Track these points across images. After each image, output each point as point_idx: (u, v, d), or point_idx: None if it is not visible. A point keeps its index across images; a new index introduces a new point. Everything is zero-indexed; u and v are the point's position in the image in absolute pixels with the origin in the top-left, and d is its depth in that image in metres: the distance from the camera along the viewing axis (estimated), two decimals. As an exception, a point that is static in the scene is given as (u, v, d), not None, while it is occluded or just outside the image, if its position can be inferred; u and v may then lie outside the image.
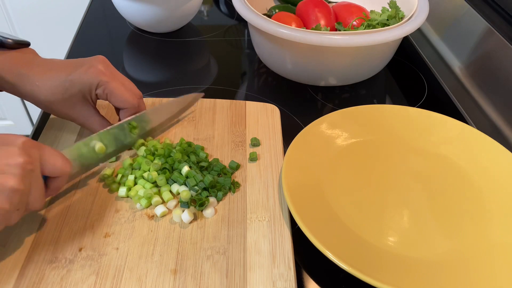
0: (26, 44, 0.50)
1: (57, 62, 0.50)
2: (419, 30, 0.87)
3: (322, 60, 0.65)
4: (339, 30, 0.71)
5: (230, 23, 0.92)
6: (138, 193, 0.48)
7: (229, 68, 0.78)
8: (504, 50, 0.63)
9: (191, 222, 0.47)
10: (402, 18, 0.71)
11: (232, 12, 0.96)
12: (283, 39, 0.61)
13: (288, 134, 0.57)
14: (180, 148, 0.53)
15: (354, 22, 0.72)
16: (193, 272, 0.42)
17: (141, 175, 0.51)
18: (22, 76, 0.48)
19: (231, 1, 0.69)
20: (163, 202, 0.49)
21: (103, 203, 0.49)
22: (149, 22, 0.82)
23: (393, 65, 0.77)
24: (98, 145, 0.49)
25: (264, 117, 0.60)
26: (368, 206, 0.49)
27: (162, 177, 0.50)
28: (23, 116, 1.74)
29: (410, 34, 0.84)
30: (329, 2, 0.79)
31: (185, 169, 0.50)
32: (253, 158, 0.54)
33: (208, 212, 0.47)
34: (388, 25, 0.69)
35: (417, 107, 0.68)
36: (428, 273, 0.42)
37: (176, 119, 0.60)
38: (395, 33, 0.61)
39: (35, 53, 0.51)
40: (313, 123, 0.56)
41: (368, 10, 0.74)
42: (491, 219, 0.48)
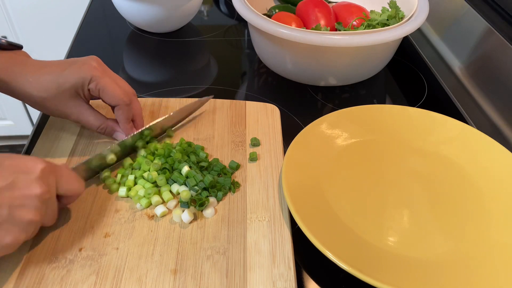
0: (19, 47, 0.51)
1: (50, 61, 0.51)
2: (419, 30, 0.87)
3: (322, 60, 0.65)
4: (339, 30, 0.71)
5: (230, 23, 0.92)
6: (138, 193, 0.49)
7: (229, 68, 0.78)
8: (504, 50, 0.63)
9: (191, 222, 0.47)
10: (402, 18, 0.71)
11: (232, 12, 0.96)
12: (283, 39, 0.61)
13: (288, 134, 0.57)
14: (180, 148, 0.53)
15: (354, 22, 0.72)
16: (193, 272, 0.42)
17: (141, 175, 0.51)
18: (16, 74, 0.49)
19: (231, 1, 0.69)
20: (163, 202, 0.49)
21: (103, 203, 0.49)
22: (149, 22, 0.82)
23: (393, 65, 0.77)
24: (110, 156, 0.51)
25: (264, 117, 0.60)
26: (368, 206, 0.49)
27: (162, 177, 0.50)
28: (23, 116, 1.73)
29: (410, 34, 0.84)
30: (329, 2, 0.79)
31: (185, 169, 0.50)
32: (253, 158, 0.54)
33: (208, 212, 0.47)
34: (388, 25, 0.69)
35: (417, 107, 0.68)
36: (428, 273, 0.42)
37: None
38: (395, 33, 0.61)
39: (27, 55, 0.52)
40: (313, 123, 0.56)
41: (368, 10, 0.74)
42: (491, 219, 0.48)
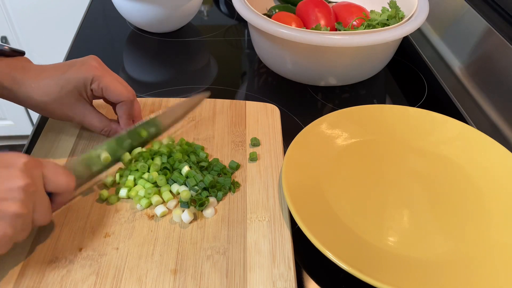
0: (22, 53, 0.51)
1: (50, 65, 0.51)
2: (419, 30, 0.87)
3: (322, 60, 0.65)
4: (339, 30, 0.71)
5: (230, 23, 0.92)
6: (138, 194, 0.48)
7: (229, 68, 0.78)
8: (504, 50, 0.63)
9: (191, 222, 0.47)
10: (402, 18, 0.71)
11: (232, 12, 0.96)
12: (283, 39, 0.61)
13: (288, 134, 0.57)
14: (180, 148, 0.53)
15: (354, 22, 0.72)
16: (193, 272, 0.42)
17: (141, 176, 0.51)
18: (17, 80, 0.49)
19: (231, 1, 0.69)
20: (163, 202, 0.49)
21: (103, 203, 0.48)
22: (149, 22, 0.82)
23: (393, 65, 0.77)
24: (103, 155, 0.50)
25: (264, 117, 0.60)
26: (368, 206, 0.49)
27: (162, 177, 0.50)
28: (23, 116, 1.74)
29: (410, 34, 0.84)
30: (329, 2, 0.79)
31: (185, 169, 0.50)
32: (253, 158, 0.54)
33: (208, 212, 0.47)
34: (388, 25, 0.69)
35: (417, 107, 0.68)
36: (428, 273, 0.42)
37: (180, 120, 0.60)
38: (395, 33, 0.61)
39: (29, 61, 0.52)
40: (313, 123, 0.56)
41: (368, 10, 0.74)
42: (491, 219, 0.48)
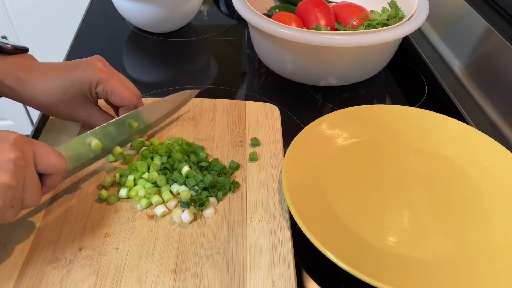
0: (25, 49, 0.51)
1: (55, 65, 0.51)
2: (419, 30, 0.87)
3: (322, 60, 0.65)
4: (339, 30, 0.71)
5: (230, 23, 0.92)
6: (138, 194, 0.48)
7: (229, 68, 0.78)
8: (504, 50, 0.63)
9: (191, 222, 0.47)
10: (402, 18, 0.71)
11: (232, 12, 0.96)
12: (283, 39, 0.61)
13: (288, 134, 0.57)
14: (180, 148, 0.53)
15: (354, 22, 0.72)
16: (193, 272, 0.42)
17: (141, 176, 0.51)
18: (22, 80, 0.48)
19: (231, 1, 0.69)
20: (163, 202, 0.49)
21: (103, 203, 0.49)
22: (149, 22, 0.82)
23: (393, 65, 0.77)
24: (94, 142, 0.49)
25: (264, 117, 0.60)
26: (368, 206, 0.49)
27: (162, 177, 0.50)
28: (23, 116, 1.74)
29: (410, 34, 0.84)
30: (329, 2, 0.79)
31: (185, 169, 0.50)
32: (253, 158, 0.54)
33: (208, 212, 0.47)
34: (388, 25, 0.69)
35: (417, 107, 0.68)
36: (428, 273, 0.42)
37: (175, 116, 0.60)
38: (395, 33, 0.61)
39: (33, 58, 0.51)
40: (313, 123, 0.56)
41: (368, 10, 0.74)
42: (491, 219, 0.48)
